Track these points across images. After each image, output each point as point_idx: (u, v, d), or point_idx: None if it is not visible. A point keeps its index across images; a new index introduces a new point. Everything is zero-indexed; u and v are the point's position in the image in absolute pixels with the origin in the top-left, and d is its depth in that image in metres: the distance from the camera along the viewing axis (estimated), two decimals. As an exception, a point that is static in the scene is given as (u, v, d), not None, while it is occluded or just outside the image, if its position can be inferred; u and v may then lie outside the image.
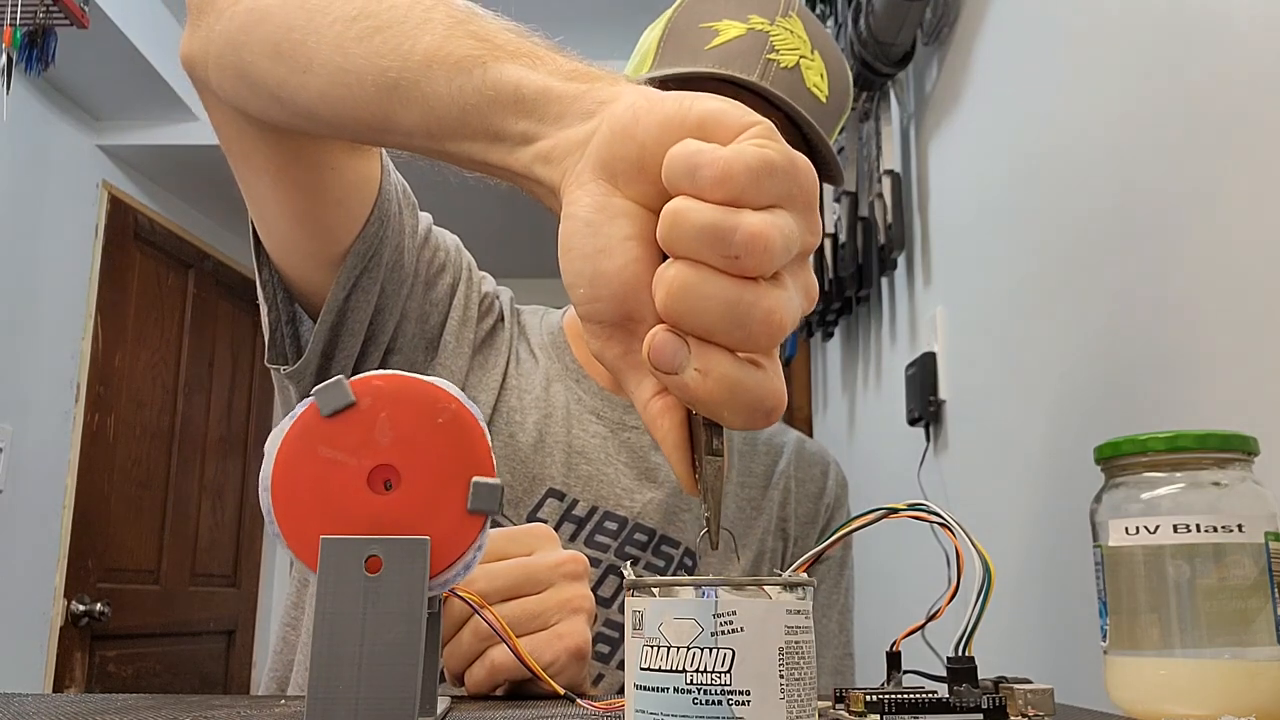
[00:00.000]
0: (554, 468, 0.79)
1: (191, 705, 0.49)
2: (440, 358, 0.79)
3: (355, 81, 0.48)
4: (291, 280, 0.73)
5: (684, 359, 0.35)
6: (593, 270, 0.37)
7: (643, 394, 0.38)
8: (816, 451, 0.95)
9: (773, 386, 0.36)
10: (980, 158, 1.27)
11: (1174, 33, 0.80)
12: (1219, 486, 0.52)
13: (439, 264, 0.80)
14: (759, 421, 0.36)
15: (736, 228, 0.33)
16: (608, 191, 0.37)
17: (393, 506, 0.40)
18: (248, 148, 0.64)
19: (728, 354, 0.35)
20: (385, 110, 0.47)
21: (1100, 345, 0.92)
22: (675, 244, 0.34)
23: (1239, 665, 0.49)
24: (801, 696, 0.34)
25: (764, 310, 0.34)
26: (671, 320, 0.35)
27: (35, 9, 1.94)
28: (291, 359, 0.73)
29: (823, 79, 0.78)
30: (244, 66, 0.55)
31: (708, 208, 0.34)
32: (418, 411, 0.40)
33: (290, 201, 0.66)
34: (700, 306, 0.34)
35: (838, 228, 1.81)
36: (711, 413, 0.36)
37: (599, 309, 0.37)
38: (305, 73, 0.51)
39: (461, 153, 0.45)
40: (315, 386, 0.40)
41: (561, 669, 0.55)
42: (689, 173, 0.34)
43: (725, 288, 0.34)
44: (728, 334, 0.34)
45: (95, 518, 2.57)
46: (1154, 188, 0.83)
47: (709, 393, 0.35)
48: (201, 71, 0.59)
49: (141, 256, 2.79)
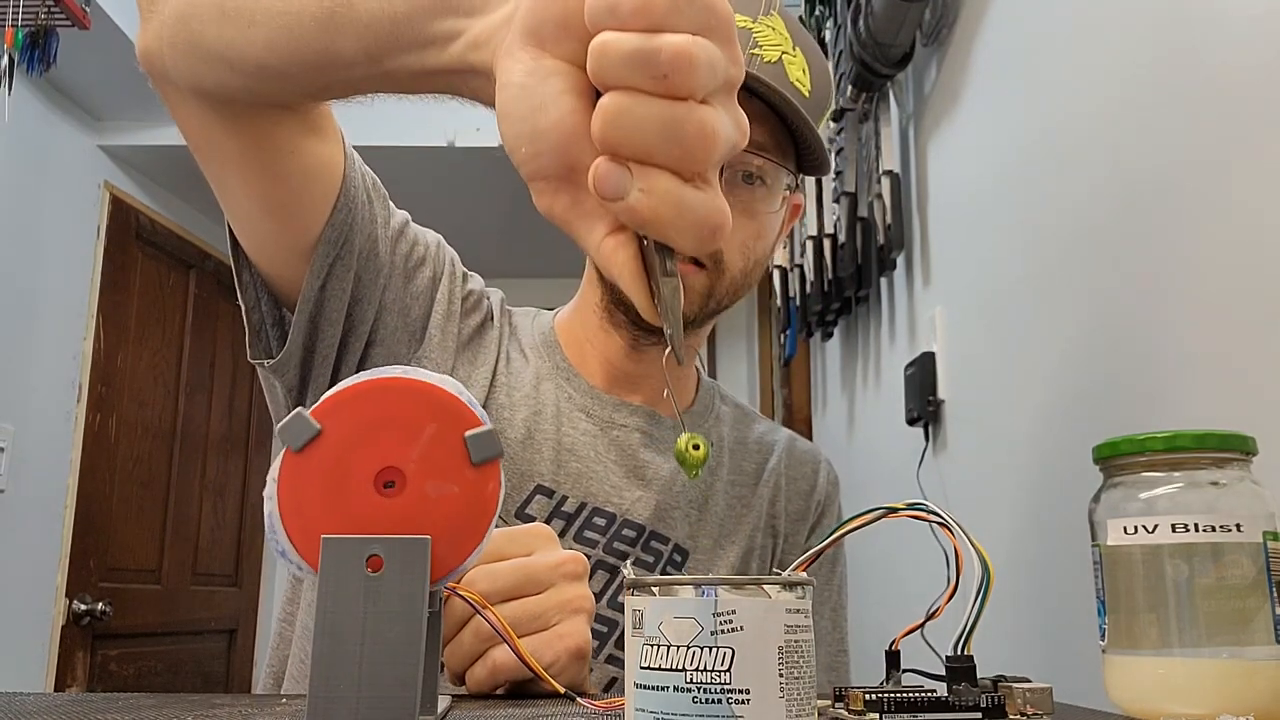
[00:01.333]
0: (543, 464, 0.79)
1: (193, 704, 0.49)
2: (425, 350, 0.80)
3: (295, 22, 0.51)
4: (269, 277, 0.74)
5: (627, 182, 0.36)
6: (531, 128, 0.38)
7: (594, 237, 0.40)
8: (807, 450, 0.95)
9: (716, 204, 0.37)
10: (979, 158, 1.27)
11: (1172, 33, 0.81)
12: (1217, 486, 0.52)
13: (418, 257, 0.81)
14: (706, 240, 0.38)
15: (661, 48, 0.35)
16: (536, 55, 0.38)
17: (397, 508, 0.40)
18: (211, 137, 0.66)
19: (669, 173, 0.36)
20: (326, 43, 0.50)
21: (1099, 345, 0.92)
22: (605, 74, 0.36)
23: (1237, 664, 0.50)
24: (801, 695, 0.34)
25: (696, 124, 0.36)
26: (610, 148, 0.36)
27: (37, 10, 1.94)
28: (276, 354, 0.75)
29: (805, 74, 0.78)
30: (194, 36, 0.58)
31: (632, 35, 0.35)
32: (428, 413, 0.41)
33: (256, 191, 0.69)
34: (636, 128, 0.36)
35: (837, 228, 1.81)
36: (660, 233, 0.37)
37: (542, 164, 0.39)
38: (250, 26, 0.54)
39: (401, 68, 0.47)
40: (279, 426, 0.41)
41: (562, 669, 0.56)
42: (609, 9, 0.36)
43: (658, 107, 0.36)
44: (665, 152, 0.36)
45: (97, 517, 2.57)
46: (1153, 187, 0.83)
47: (654, 210, 0.36)
48: (159, 61, 0.62)
49: (143, 257, 2.79)
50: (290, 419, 0.40)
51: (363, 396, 0.41)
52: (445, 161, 2.70)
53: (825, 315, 1.98)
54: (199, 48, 0.58)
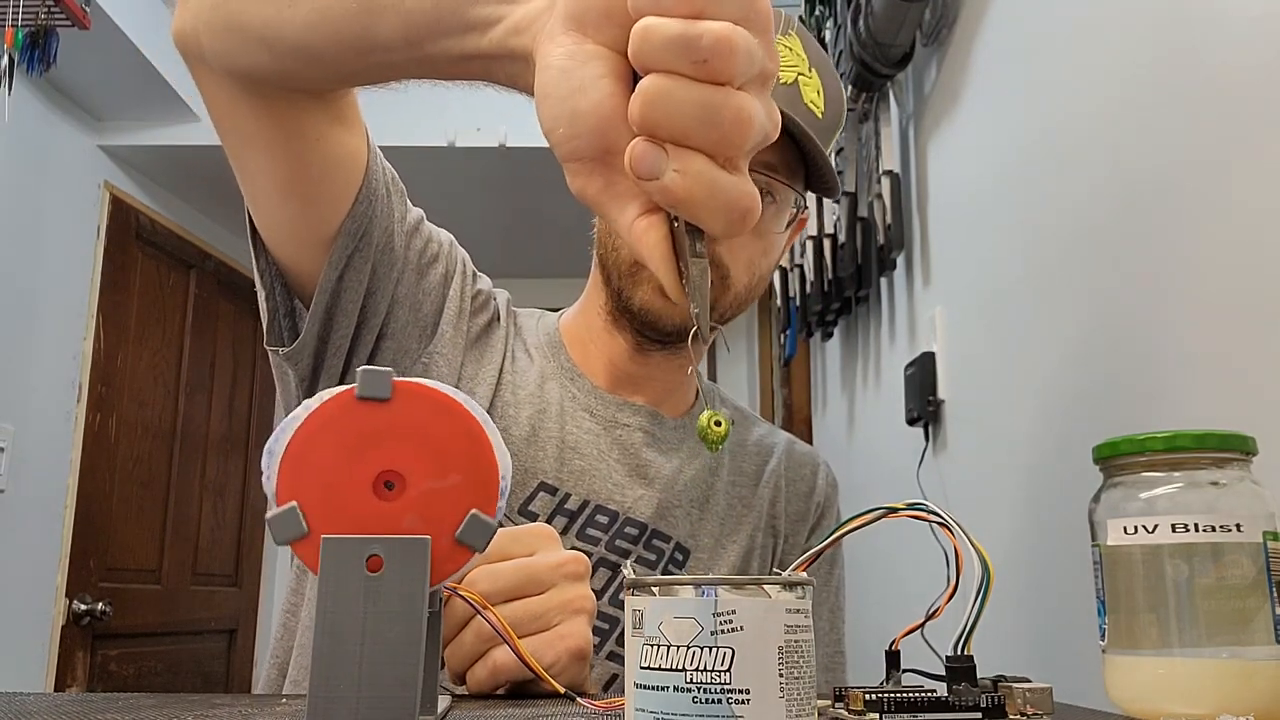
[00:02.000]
0: (546, 462, 0.80)
1: (193, 704, 0.49)
2: (436, 346, 0.80)
3: (336, 2, 0.51)
4: (287, 267, 0.75)
5: (663, 163, 0.37)
6: (570, 109, 0.39)
7: (626, 218, 0.40)
8: (807, 452, 0.96)
9: (747, 189, 0.38)
10: (979, 158, 1.27)
11: (1172, 34, 0.81)
12: (1217, 486, 0.52)
13: (431, 254, 0.81)
14: (736, 222, 0.38)
15: (702, 33, 0.36)
16: (578, 40, 0.39)
17: (390, 511, 0.40)
18: (238, 117, 0.66)
19: (703, 156, 0.37)
20: (364, 25, 0.50)
21: (1099, 345, 0.92)
22: (646, 57, 0.36)
23: (1237, 664, 0.50)
24: (801, 695, 0.34)
25: (733, 109, 0.37)
26: (648, 129, 0.37)
27: (37, 10, 1.94)
28: (289, 342, 0.75)
29: (819, 95, 0.79)
30: (231, 16, 0.58)
31: (674, 20, 0.36)
32: (445, 429, 0.41)
33: (280, 175, 0.69)
34: (674, 111, 0.36)
35: (837, 228, 1.81)
36: (692, 214, 0.38)
37: (578, 145, 0.39)
38: (290, 5, 0.54)
39: (440, 52, 0.48)
40: (363, 367, 0.41)
41: (563, 669, 0.56)
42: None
43: (697, 91, 0.36)
44: (702, 135, 0.37)
45: (97, 517, 2.57)
46: (1153, 187, 0.83)
47: (688, 191, 0.37)
48: (194, 42, 0.62)
49: (143, 257, 2.79)
50: (378, 371, 0.41)
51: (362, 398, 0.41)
52: (445, 161, 2.70)
53: (825, 315, 1.98)
54: (236, 27, 0.58)
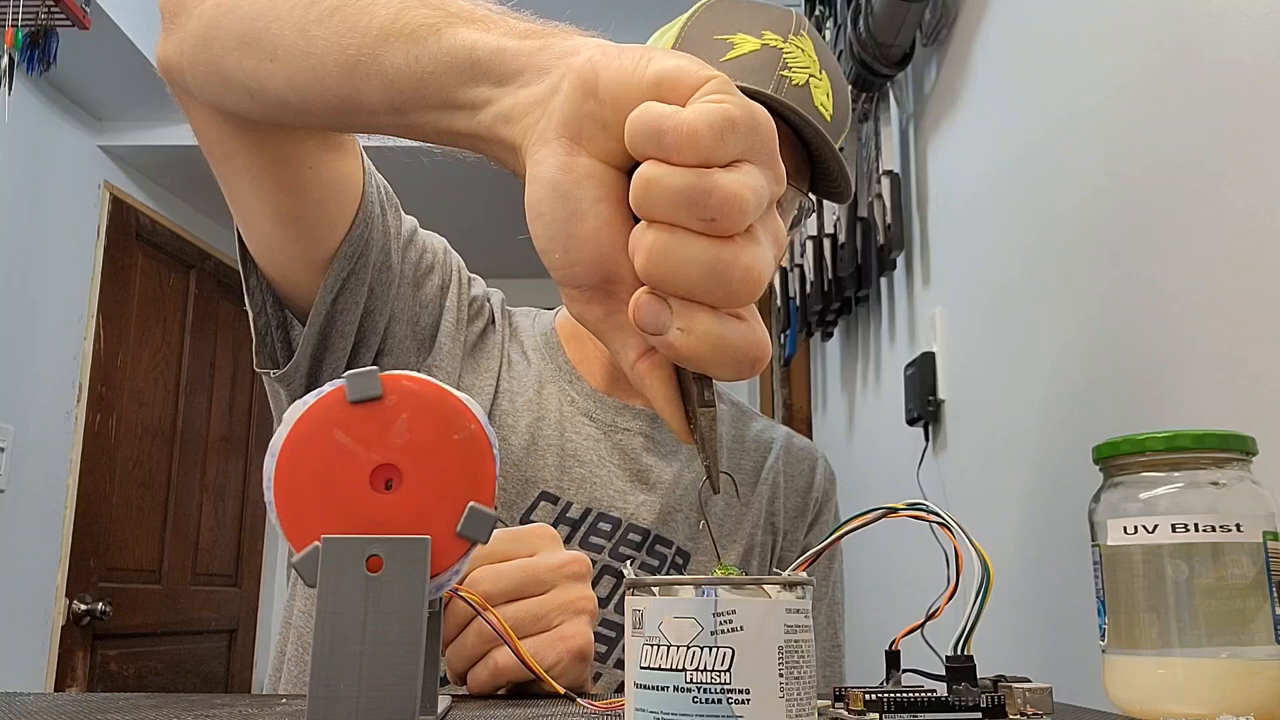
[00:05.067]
0: (547, 470, 0.79)
1: (193, 704, 0.49)
2: (434, 359, 0.79)
3: (319, 64, 0.48)
4: (279, 285, 0.73)
5: (667, 319, 0.35)
6: (566, 235, 0.37)
7: (629, 355, 0.39)
8: (804, 447, 0.96)
9: (756, 338, 0.36)
10: (979, 158, 1.27)
11: (1172, 34, 0.81)
12: (1217, 486, 0.52)
13: (426, 265, 0.80)
14: (745, 372, 0.37)
15: (711, 191, 0.34)
16: (571, 150, 0.37)
17: (389, 507, 0.40)
18: (228, 149, 0.65)
19: (709, 311, 0.36)
20: (349, 90, 0.47)
21: (1099, 345, 0.92)
22: (650, 209, 0.35)
23: (1237, 664, 0.50)
24: (801, 695, 0.34)
25: (742, 268, 0.35)
26: (652, 283, 0.35)
27: (37, 10, 1.94)
28: (282, 362, 0.74)
29: (828, 98, 0.79)
30: (215, 62, 0.56)
31: (679, 172, 0.34)
32: (437, 421, 0.41)
33: (272, 202, 0.67)
34: (680, 270, 0.35)
35: (837, 228, 1.81)
36: (699, 368, 0.37)
37: (576, 274, 0.38)
38: (272, 60, 0.51)
39: (426, 124, 0.45)
40: (349, 371, 0.41)
41: (564, 670, 0.56)
42: (654, 138, 0.34)
43: (703, 249, 0.34)
44: (708, 293, 0.35)
45: (97, 517, 2.57)
46: (1152, 187, 0.83)
47: (693, 350, 0.36)
48: (178, 75, 0.60)
49: (143, 257, 2.79)
50: (365, 372, 0.40)
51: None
52: (445, 161, 2.70)
53: (825, 315, 1.98)
54: (219, 73, 0.56)
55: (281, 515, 0.40)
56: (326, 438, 0.40)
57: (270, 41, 0.51)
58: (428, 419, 0.41)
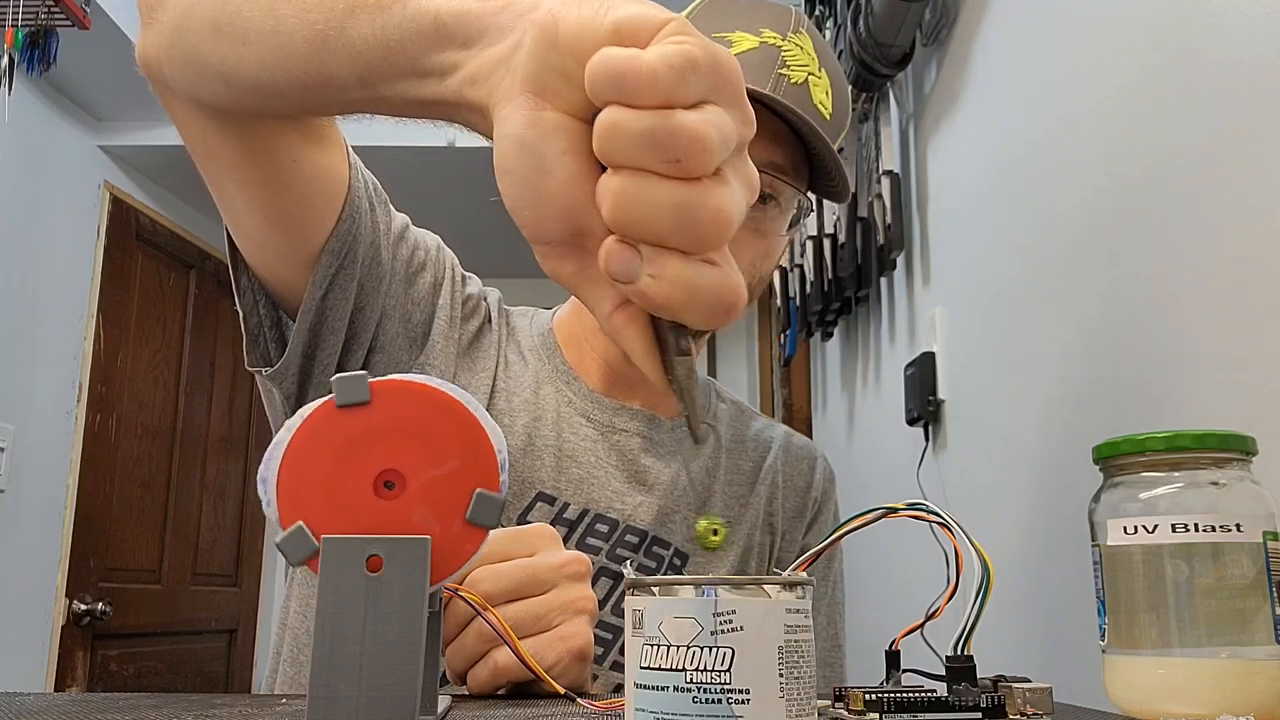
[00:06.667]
0: (544, 471, 0.79)
1: (193, 704, 0.49)
2: (427, 357, 0.79)
3: (287, 43, 0.49)
4: (269, 283, 0.73)
5: (638, 266, 0.35)
6: (534, 191, 0.36)
7: (604, 308, 0.38)
8: (803, 445, 0.96)
9: (730, 283, 0.36)
10: (979, 158, 1.27)
11: (1172, 34, 0.81)
12: (1217, 486, 0.52)
13: (419, 262, 0.80)
14: (720, 318, 0.36)
15: (674, 131, 0.33)
16: (535, 105, 0.36)
17: (395, 510, 0.40)
18: (211, 146, 0.65)
19: (681, 256, 0.35)
20: (319, 66, 0.48)
21: (1099, 345, 0.92)
22: (614, 155, 0.34)
23: (1237, 664, 0.50)
24: (801, 695, 0.34)
25: (711, 210, 0.34)
26: (620, 231, 0.35)
27: (37, 10, 1.94)
28: (274, 357, 0.74)
29: (828, 96, 0.78)
30: (190, 51, 0.56)
31: (641, 115, 0.34)
32: (430, 417, 0.41)
33: (257, 199, 0.67)
34: (648, 214, 0.34)
35: (837, 228, 1.81)
36: (673, 315, 0.36)
37: (546, 229, 0.37)
38: (244, 44, 0.52)
39: (396, 95, 0.45)
40: (336, 376, 0.41)
41: (564, 670, 0.56)
42: (614, 82, 0.34)
43: (670, 192, 0.34)
44: (678, 237, 0.35)
45: (97, 517, 2.57)
46: (1152, 187, 0.83)
47: (666, 296, 0.35)
48: (158, 69, 0.60)
49: (143, 257, 2.79)
50: (352, 376, 0.40)
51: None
52: (445, 161, 2.70)
53: (825, 315, 1.98)
54: (195, 62, 0.57)
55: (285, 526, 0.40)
56: (324, 451, 0.40)
57: (241, 24, 0.51)
58: (420, 417, 0.41)
